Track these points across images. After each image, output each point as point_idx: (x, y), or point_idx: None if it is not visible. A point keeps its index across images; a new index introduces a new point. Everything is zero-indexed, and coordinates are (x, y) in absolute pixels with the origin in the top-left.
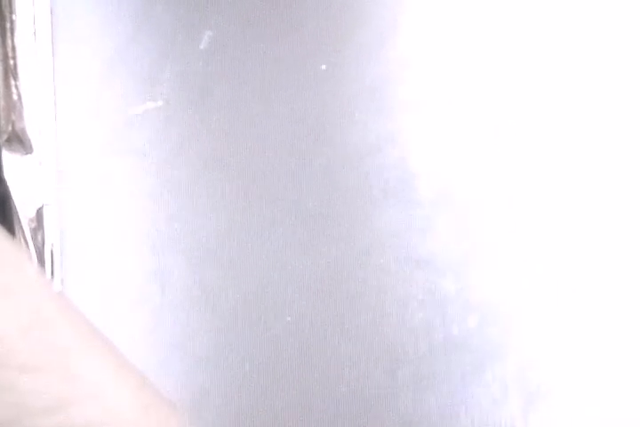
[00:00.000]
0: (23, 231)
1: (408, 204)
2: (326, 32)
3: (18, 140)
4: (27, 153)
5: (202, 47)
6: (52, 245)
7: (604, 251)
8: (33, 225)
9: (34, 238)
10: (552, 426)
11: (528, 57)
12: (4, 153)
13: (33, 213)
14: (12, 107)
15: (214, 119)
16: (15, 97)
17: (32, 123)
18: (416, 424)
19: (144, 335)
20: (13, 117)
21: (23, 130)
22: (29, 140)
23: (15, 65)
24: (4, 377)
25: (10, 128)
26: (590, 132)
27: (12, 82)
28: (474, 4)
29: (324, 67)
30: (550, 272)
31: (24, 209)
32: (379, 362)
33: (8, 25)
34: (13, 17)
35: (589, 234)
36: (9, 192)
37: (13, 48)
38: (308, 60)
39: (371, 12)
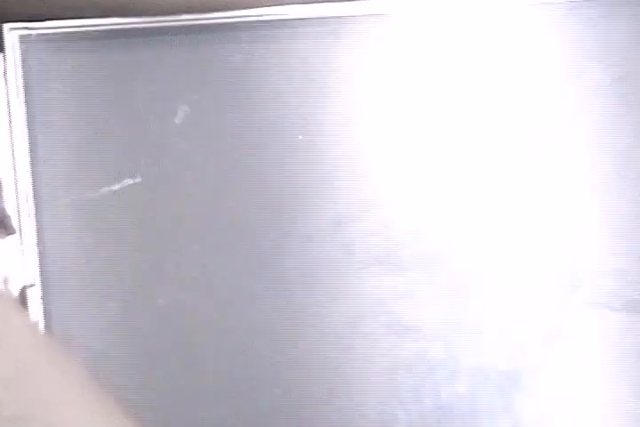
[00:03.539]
0: None
1: (392, 270)
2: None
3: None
4: (9, 233)
5: (177, 122)
6: (37, 324)
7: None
8: None
9: None
10: None
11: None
12: None
13: (16, 294)
14: None
15: (192, 192)
16: None
17: (11, 203)
18: None
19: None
20: None
21: (3, 210)
22: (11, 221)
23: None
24: None
25: None
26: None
27: None
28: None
29: (300, 137)
30: (541, 335)
31: (7, 290)
32: None
33: None
34: None
35: (573, 298)
36: None
37: None
38: (285, 130)
39: (345, 82)
